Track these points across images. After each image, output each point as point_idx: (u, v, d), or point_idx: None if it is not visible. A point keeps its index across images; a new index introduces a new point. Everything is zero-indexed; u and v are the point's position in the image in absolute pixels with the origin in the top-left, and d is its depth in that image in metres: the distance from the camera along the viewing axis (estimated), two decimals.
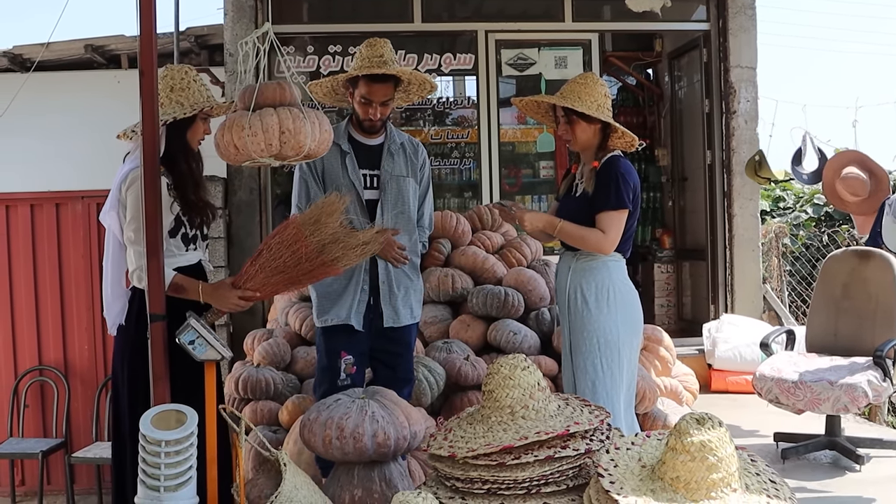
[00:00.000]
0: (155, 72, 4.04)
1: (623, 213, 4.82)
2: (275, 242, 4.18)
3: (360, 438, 4.15)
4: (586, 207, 4.86)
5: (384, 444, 4.18)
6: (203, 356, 4.02)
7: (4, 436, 7.48)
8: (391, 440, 4.20)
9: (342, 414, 4.22)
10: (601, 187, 4.82)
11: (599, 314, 4.81)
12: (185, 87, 4.34)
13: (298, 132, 4.05)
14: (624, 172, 4.85)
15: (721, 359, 8.51)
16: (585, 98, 4.86)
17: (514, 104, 5.46)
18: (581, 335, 4.84)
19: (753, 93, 9.32)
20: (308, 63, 9.04)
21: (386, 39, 5.07)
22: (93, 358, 7.71)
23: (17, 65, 9.34)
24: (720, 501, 3.16)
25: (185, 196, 4.37)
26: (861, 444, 6.27)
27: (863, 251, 6.70)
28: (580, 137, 4.95)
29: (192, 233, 4.45)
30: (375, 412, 4.24)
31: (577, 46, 9.46)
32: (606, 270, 4.86)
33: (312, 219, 4.15)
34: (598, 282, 4.84)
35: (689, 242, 10.32)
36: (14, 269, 7.71)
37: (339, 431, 4.17)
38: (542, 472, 3.50)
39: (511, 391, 3.70)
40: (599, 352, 4.80)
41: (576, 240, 4.87)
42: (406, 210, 5.21)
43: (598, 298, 4.82)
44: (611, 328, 4.81)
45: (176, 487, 3.61)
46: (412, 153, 5.29)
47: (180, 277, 4.27)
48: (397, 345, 5.27)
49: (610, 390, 4.81)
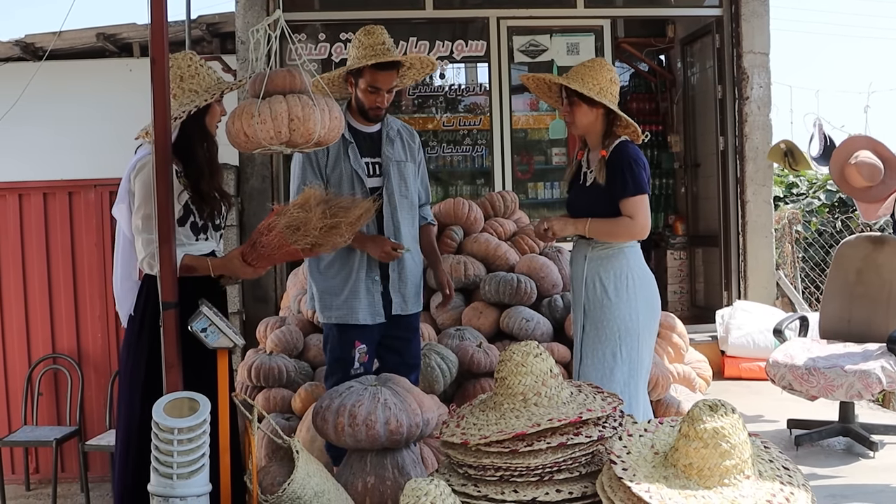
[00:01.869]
0: (166, 60, 4.04)
1: (644, 197, 4.79)
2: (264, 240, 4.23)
3: (373, 426, 4.16)
4: (601, 197, 4.82)
5: (396, 431, 4.19)
6: (215, 344, 4.02)
7: (19, 424, 7.51)
8: (403, 427, 4.20)
9: (355, 401, 4.23)
10: (616, 175, 4.78)
11: (619, 302, 4.77)
12: (193, 73, 4.32)
13: (307, 119, 4.04)
14: (634, 157, 4.81)
15: (734, 345, 8.49)
16: (588, 81, 4.82)
17: (522, 80, 5.41)
18: (601, 324, 4.81)
19: (766, 78, 9.28)
20: (320, 51, 9.03)
21: (381, 26, 5.05)
22: (106, 346, 7.73)
23: (30, 53, 9.35)
24: (733, 488, 3.16)
25: (196, 185, 4.35)
26: (875, 430, 6.25)
27: (876, 237, 6.68)
28: (580, 121, 4.90)
29: (202, 222, 4.42)
30: (388, 399, 4.24)
31: (590, 33, 9.43)
32: (624, 257, 4.83)
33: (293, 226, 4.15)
34: (616, 270, 4.81)
35: (702, 229, 10.29)
36: (27, 257, 7.72)
37: (351, 419, 4.18)
38: (555, 459, 3.50)
39: (524, 378, 3.69)
40: (620, 340, 4.78)
41: (608, 234, 4.82)
42: (409, 195, 5.22)
43: (618, 286, 4.79)
44: (631, 316, 4.78)
45: (189, 475, 3.61)
46: (408, 138, 5.32)
47: (189, 258, 4.27)
48: (406, 330, 5.28)
49: (628, 378, 4.80)
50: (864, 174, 7.06)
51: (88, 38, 9.22)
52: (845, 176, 7.28)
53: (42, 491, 7.41)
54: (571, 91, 4.86)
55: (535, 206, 9.57)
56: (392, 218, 5.11)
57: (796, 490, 3.25)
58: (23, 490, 7.44)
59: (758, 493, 3.17)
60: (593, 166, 4.92)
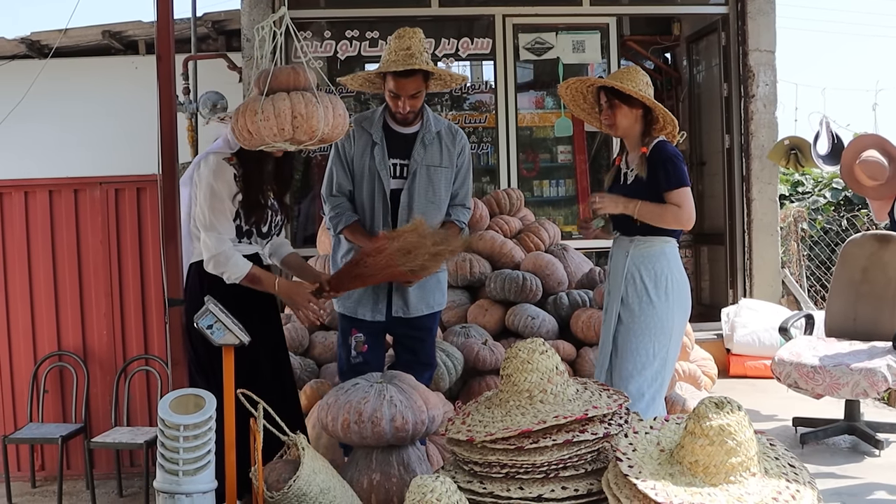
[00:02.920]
0: (172, 57, 4.05)
1: (687, 189, 4.91)
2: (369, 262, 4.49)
3: (379, 423, 4.16)
4: (642, 193, 4.92)
5: (402, 428, 4.19)
6: (221, 341, 4.02)
7: (24, 421, 7.51)
8: (409, 424, 4.21)
9: (360, 398, 4.23)
10: (658, 170, 4.91)
11: (659, 302, 4.89)
12: None
13: (311, 117, 4.04)
14: (674, 153, 4.98)
15: (740, 343, 8.48)
16: (627, 82, 5.00)
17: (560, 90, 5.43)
18: (639, 320, 4.90)
19: (772, 76, 9.27)
20: (325, 48, 9.02)
21: (417, 29, 5.00)
22: (112, 343, 7.71)
23: (35, 51, 9.37)
24: (739, 485, 3.16)
25: (246, 192, 4.48)
26: (880, 428, 6.25)
27: (882, 235, 6.66)
28: (622, 123, 5.04)
29: (247, 227, 4.53)
30: (394, 396, 4.25)
31: (595, 31, 9.42)
32: (665, 258, 4.95)
33: (405, 249, 4.42)
34: (657, 269, 4.92)
35: (708, 227, 10.28)
36: (33, 255, 7.71)
37: (357, 415, 4.18)
38: (561, 457, 3.50)
39: (529, 375, 3.70)
40: (654, 338, 4.87)
41: (655, 217, 4.91)
42: (436, 200, 5.13)
43: (658, 286, 4.90)
44: (668, 315, 4.90)
45: (195, 471, 3.62)
46: (449, 142, 5.18)
47: (257, 269, 4.44)
48: (418, 330, 5.25)
49: (657, 374, 4.90)
50: (867, 173, 7.05)
51: (94, 35, 9.23)
52: (854, 175, 7.27)
53: (48, 488, 7.40)
54: (613, 94, 5.02)
55: (540, 203, 9.56)
56: (407, 221, 4.99)
57: (802, 487, 3.25)
58: (28, 487, 7.44)
59: (763, 491, 3.17)
60: (633, 165, 5.06)
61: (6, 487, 7.12)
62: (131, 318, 7.71)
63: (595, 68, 9.48)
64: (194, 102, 8.17)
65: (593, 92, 5.24)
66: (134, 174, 7.66)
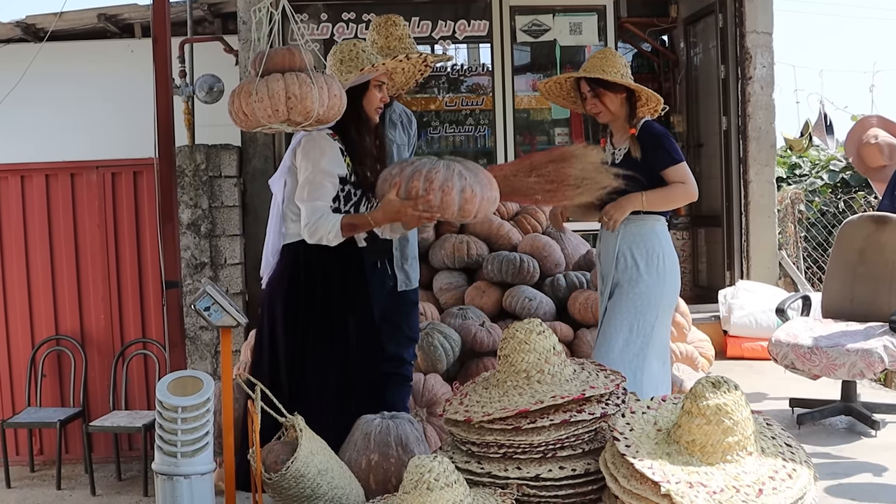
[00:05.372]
0: (168, 40, 4.06)
1: (684, 163, 5.02)
2: (544, 171, 4.52)
3: (449, 192, 4.16)
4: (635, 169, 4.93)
5: (471, 200, 4.19)
6: (218, 322, 4.03)
7: (22, 405, 7.53)
8: (477, 198, 4.21)
9: (431, 168, 4.23)
10: (652, 149, 4.98)
11: (649, 279, 4.95)
12: (353, 57, 4.49)
13: (305, 97, 4.04)
14: (664, 131, 5.09)
15: (737, 325, 8.49)
16: (609, 69, 5.01)
17: (539, 88, 5.49)
18: (625, 296, 4.96)
19: (769, 58, 9.26)
20: (322, 31, 9.01)
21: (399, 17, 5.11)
22: (109, 327, 7.73)
23: (31, 35, 9.33)
24: (736, 464, 3.17)
25: (354, 166, 4.51)
26: (877, 409, 6.26)
27: (879, 217, 6.66)
28: (610, 108, 5.08)
29: (346, 209, 4.49)
30: (462, 171, 4.25)
31: (592, 12, 9.40)
32: (656, 236, 5.01)
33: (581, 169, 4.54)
34: (649, 248, 4.98)
35: (705, 209, 10.27)
36: (30, 239, 7.72)
37: (427, 183, 4.17)
38: (558, 436, 3.51)
39: (526, 355, 3.70)
40: (638, 313, 4.93)
41: (665, 201, 5.01)
42: None
43: (649, 264, 4.96)
44: (655, 293, 4.96)
45: (193, 453, 3.64)
46: (407, 123, 5.36)
47: (347, 217, 4.38)
48: (405, 304, 5.27)
49: (639, 351, 4.93)
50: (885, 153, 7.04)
51: (90, 18, 9.20)
52: (862, 156, 7.27)
53: (46, 472, 7.43)
54: (595, 83, 5.04)
55: None
56: None
57: (798, 467, 3.26)
58: (27, 471, 7.46)
59: (760, 470, 3.19)
60: (621, 147, 5.11)
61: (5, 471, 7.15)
62: (129, 302, 7.73)
63: (592, 50, 9.45)
64: (190, 86, 8.15)
65: (571, 81, 5.26)
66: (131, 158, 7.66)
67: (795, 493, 3.12)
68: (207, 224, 7.87)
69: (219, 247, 7.91)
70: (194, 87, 8.12)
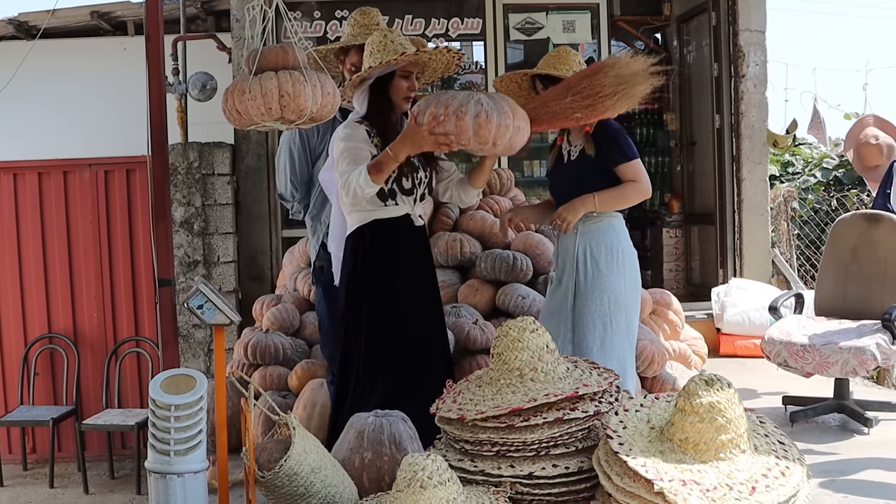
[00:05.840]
0: (161, 37, 4.05)
1: (638, 161, 4.97)
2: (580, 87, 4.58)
3: (462, 117, 4.24)
4: (588, 168, 4.95)
5: (485, 125, 4.25)
6: (211, 321, 4.02)
7: (15, 403, 7.53)
8: (492, 125, 4.26)
9: (451, 95, 4.36)
10: (607, 146, 4.95)
11: (610, 275, 4.93)
12: (382, 48, 4.53)
13: (298, 95, 4.04)
14: (618, 128, 5.04)
15: (730, 323, 8.49)
16: (560, 67, 5.04)
17: (494, 84, 5.51)
18: (591, 295, 4.94)
19: (762, 56, 9.27)
20: (315, 28, 8.99)
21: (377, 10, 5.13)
22: (102, 325, 7.73)
23: (23, 32, 9.32)
24: (729, 462, 3.17)
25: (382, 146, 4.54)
26: (869, 407, 6.26)
27: (872, 215, 6.66)
28: None
29: (389, 187, 4.56)
30: (482, 99, 4.35)
31: (585, 10, 9.40)
32: (614, 232, 5.00)
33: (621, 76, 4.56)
34: (607, 244, 4.96)
35: (698, 207, 10.29)
36: (22, 237, 7.72)
37: (443, 108, 4.27)
38: (551, 434, 3.51)
39: (520, 353, 3.70)
40: (609, 311, 4.92)
41: (618, 201, 4.99)
42: None
43: (608, 260, 4.94)
44: (620, 288, 4.95)
45: (186, 451, 3.63)
46: None
47: (370, 164, 4.42)
48: None
49: (618, 347, 4.94)
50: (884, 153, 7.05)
51: (82, 16, 9.19)
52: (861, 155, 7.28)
53: (39, 470, 7.43)
54: (549, 81, 5.05)
55: (530, 183, 9.55)
56: None
57: (791, 464, 3.27)
58: (20, 469, 7.46)
59: (753, 468, 3.19)
60: (576, 144, 5.10)
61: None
62: (121, 300, 7.74)
63: (585, 48, 9.45)
64: (183, 83, 8.15)
65: (527, 80, 5.28)
66: (124, 155, 7.67)
67: (788, 491, 3.13)
68: (200, 222, 7.87)
69: (212, 245, 7.91)
70: (187, 84, 8.11)
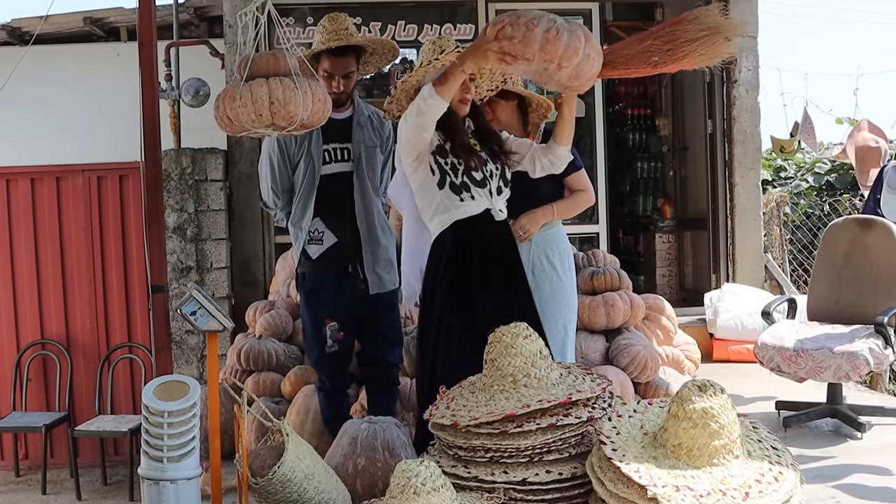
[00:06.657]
0: (154, 43, 4.04)
1: (584, 171, 5.16)
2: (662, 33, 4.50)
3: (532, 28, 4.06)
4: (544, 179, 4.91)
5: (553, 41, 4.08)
6: (204, 327, 4.02)
7: (7, 410, 7.51)
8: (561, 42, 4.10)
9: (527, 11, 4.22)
10: None
11: (566, 279, 5.06)
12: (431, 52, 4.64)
13: (288, 102, 4.03)
14: None
15: (723, 328, 8.51)
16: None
17: None
18: (554, 299, 5.00)
19: (754, 62, 9.29)
20: (308, 34, 8.98)
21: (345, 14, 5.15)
22: (95, 331, 7.72)
23: (16, 38, 9.31)
24: (722, 468, 3.17)
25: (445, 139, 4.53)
26: (862, 411, 6.27)
27: (864, 219, 6.68)
28: (500, 116, 5.09)
29: (459, 181, 4.51)
30: (556, 18, 4.20)
31: (578, 16, 9.38)
32: (563, 237, 5.16)
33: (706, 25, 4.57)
34: (560, 249, 5.09)
35: (691, 212, 10.30)
36: (15, 243, 7.71)
37: (515, 17, 4.11)
38: (545, 440, 3.51)
39: (513, 360, 3.70)
40: (569, 314, 5.07)
41: (571, 209, 5.18)
42: (374, 181, 5.22)
43: (563, 264, 5.06)
44: (572, 291, 5.12)
45: (179, 458, 3.63)
46: (378, 125, 5.29)
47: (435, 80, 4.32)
48: (381, 307, 5.23)
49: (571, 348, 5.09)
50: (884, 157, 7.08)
51: (75, 22, 9.18)
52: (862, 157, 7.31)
53: (32, 477, 7.41)
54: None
55: None
56: (363, 202, 5.11)
57: (785, 469, 3.27)
58: (12, 476, 7.44)
59: (746, 473, 3.19)
60: None
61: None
62: (114, 306, 7.72)
63: None
64: (176, 89, 8.15)
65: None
66: (116, 161, 7.66)
67: (782, 496, 3.13)
68: (193, 228, 7.86)
69: (205, 251, 7.90)
70: (180, 90, 8.11)
